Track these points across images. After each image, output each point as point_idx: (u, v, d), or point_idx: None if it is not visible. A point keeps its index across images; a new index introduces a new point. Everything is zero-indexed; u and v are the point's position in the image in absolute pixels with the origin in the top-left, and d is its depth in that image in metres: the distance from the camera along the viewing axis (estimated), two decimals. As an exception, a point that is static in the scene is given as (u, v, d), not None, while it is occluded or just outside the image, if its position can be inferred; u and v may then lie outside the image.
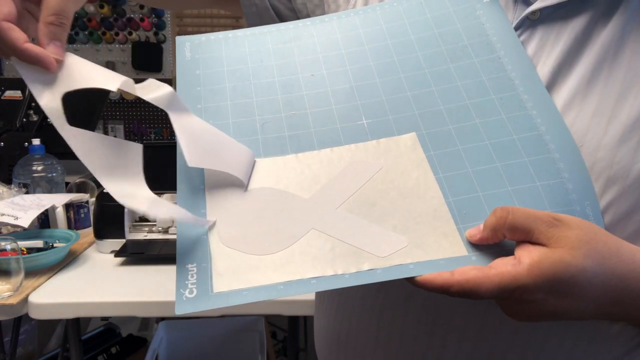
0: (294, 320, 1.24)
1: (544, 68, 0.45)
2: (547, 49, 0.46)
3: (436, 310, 0.46)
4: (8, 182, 1.29)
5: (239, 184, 0.44)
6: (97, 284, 0.98)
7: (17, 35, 0.36)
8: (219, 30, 0.55)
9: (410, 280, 0.37)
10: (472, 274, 0.35)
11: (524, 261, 0.34)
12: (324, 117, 0.48)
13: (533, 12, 0.46)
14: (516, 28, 0.48)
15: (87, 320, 1.90)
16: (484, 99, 0.46)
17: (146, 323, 2.03)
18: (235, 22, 2.90)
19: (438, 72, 0.49)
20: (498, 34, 0.49)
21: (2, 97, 1.67)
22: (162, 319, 1.56)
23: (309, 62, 0.52)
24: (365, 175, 0.44)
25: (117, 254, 1.06)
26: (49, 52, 0.37)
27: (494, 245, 0.39)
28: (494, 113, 0.45)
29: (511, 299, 0.36)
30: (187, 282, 0.38)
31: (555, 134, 0.43)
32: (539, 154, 0.43)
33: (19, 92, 1.58)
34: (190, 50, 0.54)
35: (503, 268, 0.35)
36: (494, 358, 0.45)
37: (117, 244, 1.10)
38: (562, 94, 0.44)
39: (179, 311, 0.37)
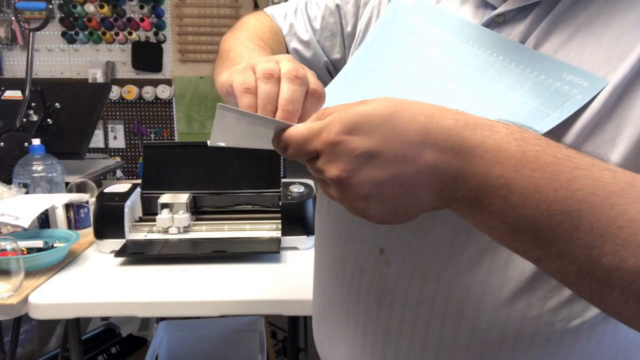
0: (294, 320, 1.23)
1: None
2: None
3: (383, 281, 0.51)
4: (8, 182, 1.29)
5: None
6: (97, 284, 0.98)
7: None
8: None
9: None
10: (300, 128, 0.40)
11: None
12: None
13: (498, 15, 0.48)
14: None
15: (87, 320, 1.90)
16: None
17: (146, 323, 2.03)
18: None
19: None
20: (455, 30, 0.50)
21: (2, 97, 1.67)
22: (162, 319, 1.56)
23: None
24: None
25: (117, 254, 1.06)
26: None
27: None
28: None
29: (324, 153, 0.38)
30: None
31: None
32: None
33: (19, 92, 1.58)
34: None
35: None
36: (434, 324, 0.49)
37: (117, 244, 1.10)
38: None
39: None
